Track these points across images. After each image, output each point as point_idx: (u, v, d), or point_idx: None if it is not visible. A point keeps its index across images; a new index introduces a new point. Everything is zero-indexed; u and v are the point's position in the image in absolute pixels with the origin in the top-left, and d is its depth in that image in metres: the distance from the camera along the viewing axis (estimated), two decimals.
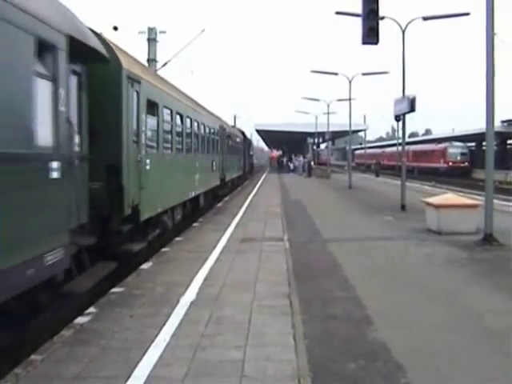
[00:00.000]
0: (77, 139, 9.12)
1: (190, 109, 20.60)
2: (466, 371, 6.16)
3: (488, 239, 14.17)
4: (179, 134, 17.99)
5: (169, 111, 16.41)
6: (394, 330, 7.57)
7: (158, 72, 28.85)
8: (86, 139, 9.78)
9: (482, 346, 6.93)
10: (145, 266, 12.07)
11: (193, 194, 20.51)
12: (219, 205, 27.95)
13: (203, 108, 25.79)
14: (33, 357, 6.60)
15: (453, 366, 6.27)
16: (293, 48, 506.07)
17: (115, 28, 28.10)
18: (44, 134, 7.49)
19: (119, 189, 11.33)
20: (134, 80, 12.35)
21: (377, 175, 62.50)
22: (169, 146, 16.51)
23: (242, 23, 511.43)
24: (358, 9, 18.17)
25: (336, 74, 43.05)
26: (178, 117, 17.78)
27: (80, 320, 8.08)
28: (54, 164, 7.78)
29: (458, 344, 7.03)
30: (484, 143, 15.54)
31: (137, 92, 12.56)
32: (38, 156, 7.34)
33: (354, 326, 7.74)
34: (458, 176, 62.29)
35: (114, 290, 9.90)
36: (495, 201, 15.23)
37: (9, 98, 6.50)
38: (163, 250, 14.12)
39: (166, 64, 32.57)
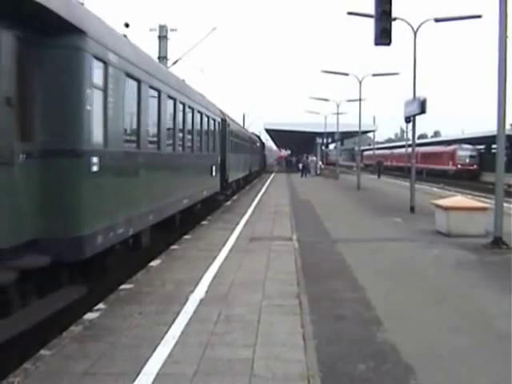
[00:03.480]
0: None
1: (240, 130, 40.93)
2: (476, 374, 6.13)
3: (497, 242, 14.12)
4: (238, 145, 36.57)
5: (236, 133, 35.13)
6: (403, 331, 7.55)
7: (170, 69, 28.96)
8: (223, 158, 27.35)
9: (493, 349, 6.90)
10: (154, 263, 12.09)
11: (239, 176, 38.02)
12: (228, 203, 27.98)
13: (243, 127, 52.63)
14: (42, 352, 6.61)
15: (463, 369, 6.24)
16: (303, 48, 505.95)
17: (126, 25, 28.00)
18: (218, 148, 25.23)
19: (224, 168, 27.22)
20: (229, 125, 30.20)
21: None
22: (236, 149, 34.60)
23: (253, 22, 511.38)
24: (370, 9, 18.18)
25: (346, 74, 42.94)
26: (237, 136, 36.07)
27: (89, 316, 8.10)
28: (219, 157, 25.46)
29: (468, 346, 7.01)
30: (493, 146, 15.47)
31: (229, 129, 30.03)
32: (217, 154, 25.11)
33: (363, 326, 7.72)
34: (467, 179, 62.03)
35: (123, 286, 9.92)
36: (504, 204, 15.17)
37: (214, 142, 23.97)
38: (172, 247, 14.14)
39: (176, 62, 32.68)
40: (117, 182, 10.10)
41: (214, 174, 23.08)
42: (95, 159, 8.94)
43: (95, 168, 8.93)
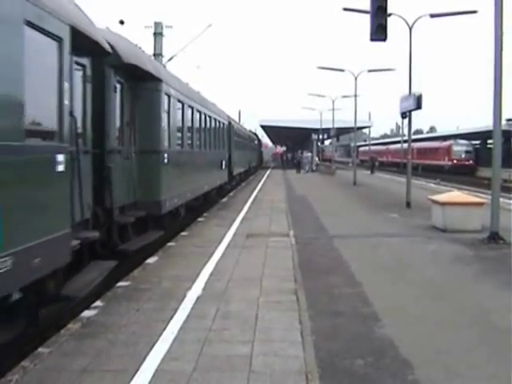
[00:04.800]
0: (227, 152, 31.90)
1: (241, 130, 45.49)
2: (473, 368, 6.14)
3: (494, 237, 14.14)
4: (240, 143, 41.35)
5: (238, 133, 40.24)
6: (401, 327, 7.56)
7: (166, 66, 29.03)
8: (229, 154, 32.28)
9: (490, 344, 6.92)
10: (151, 260, 12.08)
11: (241, 171, 42.98)
12: (224, 200, 27.95)
13: (245, 128, 58.07)
14: (40, 350, 6.61)
15: (460, 364, 6.26)
16: (299, 44, 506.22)
17: (121, 22, 28.05)
18: (226, 146, 30.99)
19: (230, 163, 31.54)
20: (234, 126, 35.30)
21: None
22: (238, 147, 39.17)
23: (248, 19, 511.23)
24: (366, 5, 18.18)
25: (342, 70, 42.95)
26: (239, 135, 40.97)
27: (87, 313, 8.09)
28: (227, 154, 30.98)
29: (466, 341, 7.02)
30: (489, 141, 15.53)
31: (233, 130, 34.44)
32: (226, 151, 30.78)
33: (361, 322, 7.73)
34: (463, 174, 62.09)
35: (120, 283, 9.91)
36: (500, 199, 15.18)
37: (223, 141, 29.87)
38: (169, 244, 14.13)
39: (171, 58, 32.61)
40: (174, 169, 15.46)
41: (223, 167, 28.98)
42: (165, 155, 14.42)
43: (165, 160, 14.39)
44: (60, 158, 7.81)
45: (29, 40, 6.74)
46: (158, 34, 32.57)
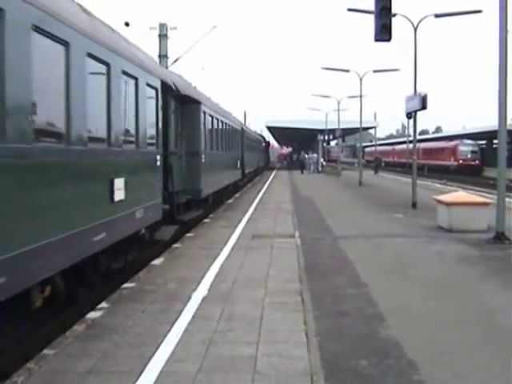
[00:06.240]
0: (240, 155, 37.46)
1: (250, 133, 50.97)
2: (478, 369, 6.13)
3: (500, 237, 14.10)
4: (250, 145, 46.31)
5: (249, 137, 45.41)
6: (406, 327, 7.55)
7: (170, 68, 29.22)
8: (241, 155, 37.86)
9: (495, 344, 6.90)
10: (156, 261, 12.10)
11: (251, 170, 47.83)
12: (230, 201, 27.96)
13: (253, 131, 61.95)
14: (45, 351, 6.63)
15: (465, 364, 6.25)
16: (304, 45, 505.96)
17: (127, 24, 28.06)
18: (239, 148, 36.93)
19: (242, 163, 37.26)
20: (245, 131, 41.23)
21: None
22: (249, 149, 43.54)
23: (253, 20, 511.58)
24: (370, 5, 18.14)
25: (347, 70, 42.86)
26: (249, 139, 45.62)
27: (92, 315, 8.11)
28: (240, 155, 36.62)
29: (471, 342, 7.01)
30: (495, 141, 15.50)
31: (245, 134, 40.35)
32: (239, 153, 37.29)
33: (366, 323, 7.72)
34: (469, 174, 61.88)
35: (126, 285, 9.93)
36: (507, 199, 15.14)
37: (237, 144, 35.26)
38: (174, 245, 14.15)
39: (177, 60, 32.65)
40: (208, 166, 20.28)
41: (238, 166, 34.50)
42: (203, 156, 19.33)
43: (203, 160, 19.27)
44: (158, 157, 13.36)
45: (146, 92, 12.38)
46: (162, 36, 32.61)
